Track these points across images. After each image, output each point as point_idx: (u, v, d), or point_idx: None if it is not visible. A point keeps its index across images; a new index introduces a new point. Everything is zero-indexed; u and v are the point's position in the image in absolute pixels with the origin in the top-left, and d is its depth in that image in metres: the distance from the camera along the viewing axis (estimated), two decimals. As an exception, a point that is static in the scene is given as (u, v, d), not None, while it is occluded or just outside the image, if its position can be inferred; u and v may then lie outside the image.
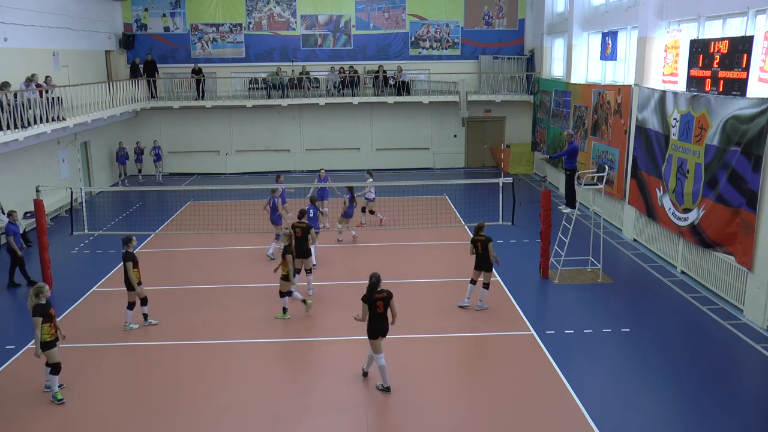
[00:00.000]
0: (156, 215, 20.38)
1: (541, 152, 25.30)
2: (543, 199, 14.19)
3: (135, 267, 11.77)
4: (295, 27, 27.98)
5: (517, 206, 15.27)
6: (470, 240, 12.67)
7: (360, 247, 16.96)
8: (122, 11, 27.47)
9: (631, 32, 18.21)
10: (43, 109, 18.17)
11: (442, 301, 13.33)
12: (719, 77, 12.77)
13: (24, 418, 9.21)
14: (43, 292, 9.44)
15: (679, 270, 14.70)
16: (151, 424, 9.02)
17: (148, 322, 12.17)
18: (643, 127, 16.11)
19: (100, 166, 25.07)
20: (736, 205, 12.23)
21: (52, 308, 9.54)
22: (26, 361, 10.82)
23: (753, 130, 11.64)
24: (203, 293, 13.84)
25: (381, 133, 28.29)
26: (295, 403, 9.46)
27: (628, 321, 12.21)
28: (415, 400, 9.51)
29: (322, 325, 12.38)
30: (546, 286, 14.19)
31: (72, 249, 17.03)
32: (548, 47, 25.91)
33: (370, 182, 18.21)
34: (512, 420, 9.00)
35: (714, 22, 14.18)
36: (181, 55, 27.93)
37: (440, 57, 28.29)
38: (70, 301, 13.34)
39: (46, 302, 9.45)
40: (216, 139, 27.98)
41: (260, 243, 16.66)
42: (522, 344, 11.35)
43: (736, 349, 11.07)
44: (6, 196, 17.54)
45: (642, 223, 16.73)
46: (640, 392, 9.68)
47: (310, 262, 13.66)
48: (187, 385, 10.07)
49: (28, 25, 20.03)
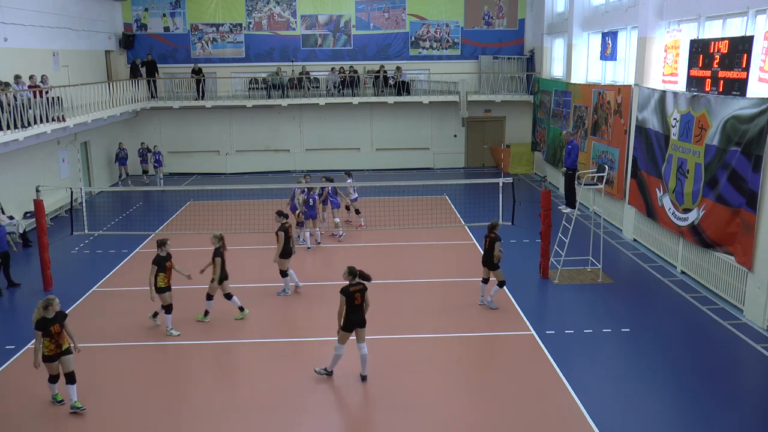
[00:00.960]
0: (156, 215, 20.38)
1: (542, 152, 25.33)
2: (543, 199, 14.19)
3: (161, 272, 11.49)
4: (295, 27, 27.98)
5: (517, 206, 15.27)
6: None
7: (360, 247, 16.96)
8: (122, 11, 27.47)
9: (631, 32, 18.21)
10: (43, 109, 18.17)
11: (442, 301, 13.34)
12: (719, 77, 12.77)
13: (24, 417, 9.22)
14: (53, 305, 8.99)
15: (679, 270, 14.70)
16: (151, 424, 9.02)
17: (155, 321, 12.14)
18: (643, 127, 16.11)
19: (100, 166, 25.07)
20: (736, 205, 12.23)
21: (56, 325, 9.02)
22: (26, 361, 10.85)
23: (753, 130, 11.64)
24: (203, 293, 13.81)
25: (381, 133, 28.29)
26: (296, 403, 9.46)
27: (628, 321, 12.21)
28: (415, 400, 9.51)
29: (322, 325, 12.37)
30: (546, 286, 14.19)
31: (72, 249, 17.03)
32: (548, 47, 25.91)
33: (350, 183, 18.24)
34: (512, 420, 9.00)
35: (714, 22, 14.18)
36: (181, 55, 27.94)
37: (440, 57, 28.29)
38: (70, 301, 13.32)
39: (53, 317, 9.01)
40: (216, 139, 27.98)
41: (260, 243, 16.65)
42: (522, 344, 11.35)
43: (736, 349, 11.07)
44: (6, 196, 17.54)
45: (642, 223, 16.73)
46: (640, 392, 9.68)
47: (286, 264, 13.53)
48: (187, 385, 10.08)
49: (28, 25, 20.03)
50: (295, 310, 13.14)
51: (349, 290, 9.79)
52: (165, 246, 11.64)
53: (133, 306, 13.25)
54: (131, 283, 14.59)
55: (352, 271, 9.93)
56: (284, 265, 13.40)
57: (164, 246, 11.63)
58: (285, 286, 13.68)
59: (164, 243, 11.66)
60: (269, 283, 14.25)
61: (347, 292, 9.78)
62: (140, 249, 17.04)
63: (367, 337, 10.01)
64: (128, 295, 13.87)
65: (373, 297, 13.43)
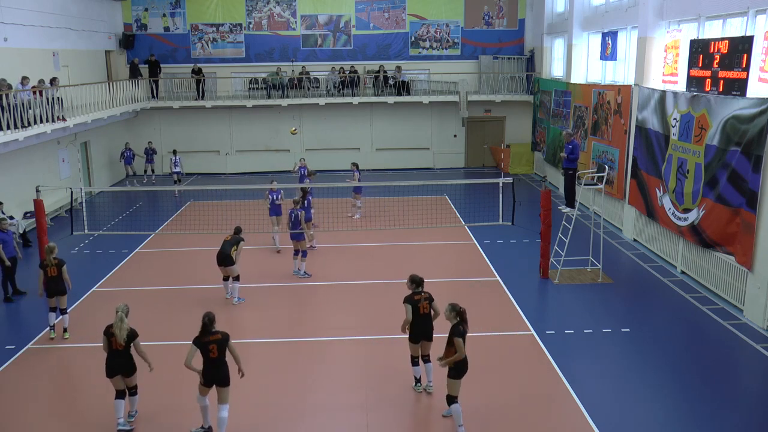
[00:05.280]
0: (156, 215, 20.38)
1: (542, 152, 25.32)
2: (543, 199, 14.19)
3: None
4: (295, 27, 27.98)
5: (517, 206, 15.27)
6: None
7: (360, 247, 16.95)
8: (122, 11, 27.47)
9: (631, 32, 18.21)
10: (43, 109, 18.18)
11: (441, 301, 13.26)
12: (719, 77, 12.77)
13: (24, 417, 9.22)
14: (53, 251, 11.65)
15: (679, 270, 14.70)
16: (151, 424, 9.03)
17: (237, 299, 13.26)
18: (643, 127, 16.11)
19: (100, 166, 25.06)
20: (736, 205, 12.23)
21: (53, 267, 11.50)
22: (26, 362, 10.85)
23: (753, 130, 11.64)
24: (203, 293, 13.83)
25: (381, 133, 28.29)
26: (296, 403, 9.46)
27: (628, 321, 12.21)
28: (416, 401, 9.51)
29: (322, 325, 12.38)
30: (546, 286, 14.18)
31: (72, 249, 17.02)
32: (548, 47, 25.91)
33: (356, 174, 18.38)
34: (512, 420, 8.99)
35: (714, 22, 14.18)
36: (181, 55, 27.94)
37: (440, 57, 28.29)
38: (70, 301, 13.26)
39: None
40: (216, 139, 27.98)
41: (260, 243, 16.65)
42: (522, 344, 11.34)
43: (736, 349, 11.07)
44: (6, 196, 17.52)
45: (642, 223, 16.73)
46: (640, 392, 9.68)
47: (233, 271, 13.25)
48: (187, 385, 10.06)
49: (28, 25, 20.03)
50: (295, 310, 13.13)
51: (413, 298, 9.29)
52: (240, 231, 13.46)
53: (133, 306, 13.21)
54: (131, 283, 14.59)
55: (414, 279, 9.33)
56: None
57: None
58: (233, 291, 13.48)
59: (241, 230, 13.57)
60: (269, 283, 14.26)
61: (412, 300, 9.27)
62: (140, 249, 17.04)
63: (367, 337, 9.97)
64: (128, 295, 13.87)
65: (373, 297, 13.51)
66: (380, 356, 10.82)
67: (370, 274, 14.93)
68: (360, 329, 11.91)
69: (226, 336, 8.39)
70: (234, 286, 13.22)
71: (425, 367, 9.56)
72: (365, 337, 11.53)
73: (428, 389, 9.60)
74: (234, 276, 13.15)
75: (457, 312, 8.44)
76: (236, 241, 13.09)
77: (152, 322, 12.34)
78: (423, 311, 9.25)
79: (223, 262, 12.98)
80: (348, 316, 12.70)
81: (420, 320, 9.26)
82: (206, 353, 8.29)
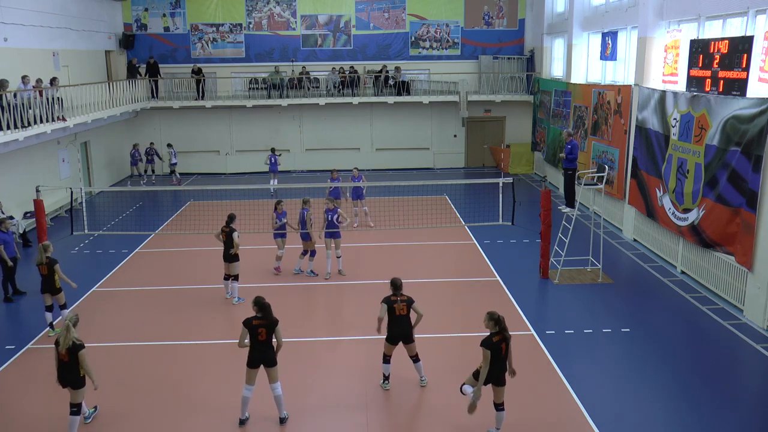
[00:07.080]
0: (156, 215, 20.38)
1: (542, 152, 25.32)
2: (543, 199, 14.19)
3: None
4: (295, 27, 27.98)
5: (517, 206, 15.27)
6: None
7: (360, 247, 16.96)
8: (122, 11, 27.47)
9: (631, 32, 18.21)
10: (43, 109, 18.17)
11: (441, 301, 13.34)
12: (719, 77, 12.77)
13: (24, 417, 9.21)
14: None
15: (679, 270, 14.70)
16: (150, 424, 9.03)
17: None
18: (643, 127, 16.11)
19: (100, 166, 25.06)
20: (736, 205, 12.23)
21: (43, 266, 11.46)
22: (26, 362, 10.85)
23: (753, 130, 11.64)
24: (203, 293, 13.83)
25: (381, 133, 28.29)
26: (296, 403, 9.46)
27: (628, 321, 12.21)
28: (415, 401, 9.52)
29: (322, 325, 12.38)
30: (546, 286, 14.18)
31: (72, 249, 17.03)
32: (548, 47, 25.91)
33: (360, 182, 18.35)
34: (512, 420, 8.98)
35: (714, 22, 14.18)
36: (181, 55, 27.94)
37: (440, 57, 28.29)
38: (69, 301, 13.28)
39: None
40: (216, 139, 27.98)
41: (260, 243, 16.65)
42: (522, 344, 11.32)
43: (736, 349, 11.07)
44: (6, 196, 17.53)
45: (642, 223, 16.73)
46: (640, 392, 9.68)
47: (235, 269, 13.20)
48: (187, 385, 10.07)
49: (28, 25, 20.02)
50: (295, 310, 13.13)
51: (390, 299, 9.27)
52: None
53: (133, 306, 13.26)
54: (131, 283, 14.59)
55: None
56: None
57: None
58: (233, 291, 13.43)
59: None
60: (269, 283, 14.26)
61: (389, 300, 9.24)
62: (140, 249, 17.04)
63: (367, 337, 9.98)
64: (128, 295, 13.88)
65: (373, 296, 13.48)
66: (380, 356, 10.78)
67: (370, 274, 14.93)
68: (360, 329, 11.90)
69: (275, 321, 8.75)
70: (234, 286, 13.23)
71: (415, 366, 9.83)
72: (365, 337, 11.53)
73: (422, 383, 9.87)
74: (234, 275, 13.16)
75: (496, 320, 8.06)
76: (230, 238, 12.94)
77: (152, 322, 12.35)
78: (399, 312, 9.40)
79: (227, 260, 13.10)
80: (348, 316, 12.71)
81: (397, 321, 9.44)
82: (255, 335, 8.63)
